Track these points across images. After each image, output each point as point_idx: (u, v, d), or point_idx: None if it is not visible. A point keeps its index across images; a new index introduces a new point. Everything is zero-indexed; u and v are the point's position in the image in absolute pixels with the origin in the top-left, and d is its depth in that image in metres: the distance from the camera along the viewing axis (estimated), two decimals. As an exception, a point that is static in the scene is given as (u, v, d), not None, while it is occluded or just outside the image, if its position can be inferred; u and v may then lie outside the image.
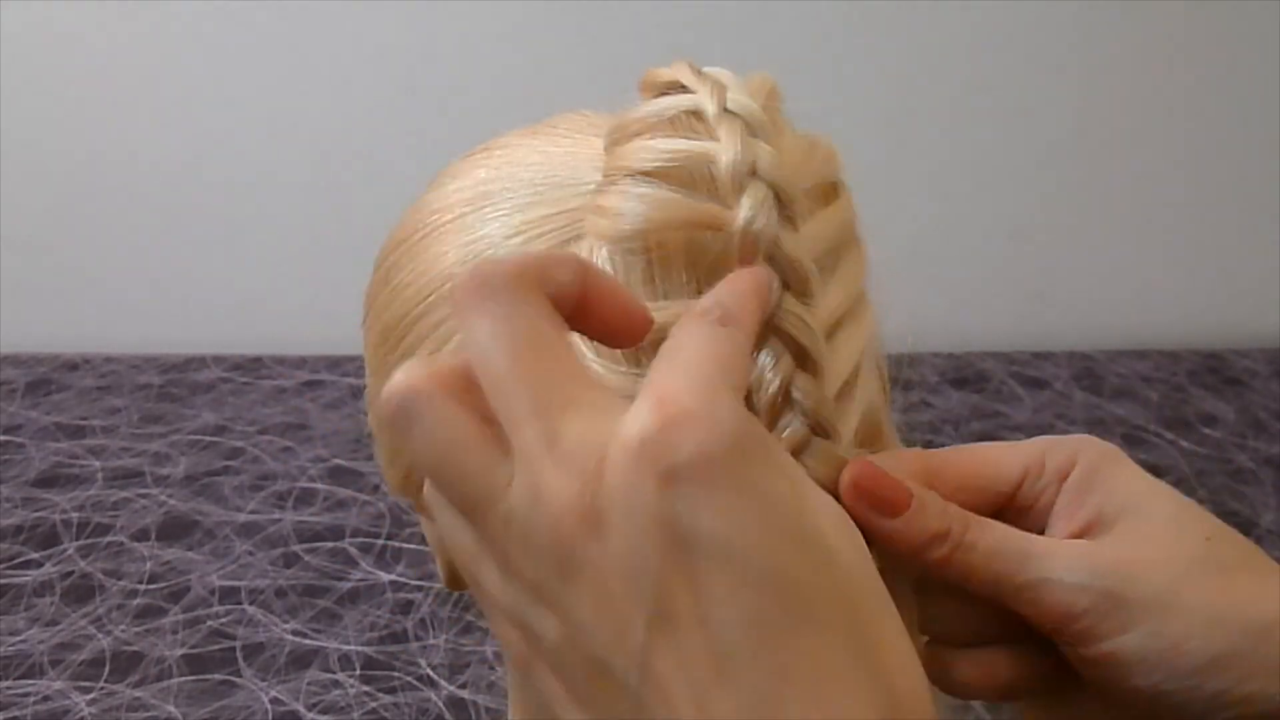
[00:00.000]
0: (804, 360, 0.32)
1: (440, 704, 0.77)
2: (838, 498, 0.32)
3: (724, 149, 0.33)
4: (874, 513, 0.32)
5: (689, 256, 0.33)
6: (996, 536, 0.33)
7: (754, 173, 0.33)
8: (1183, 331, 1.32)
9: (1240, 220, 1.30)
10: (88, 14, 1.11)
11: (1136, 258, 1.31)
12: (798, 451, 0.32)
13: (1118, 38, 1.20)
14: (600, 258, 0.34)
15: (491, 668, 0.80)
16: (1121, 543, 0.33)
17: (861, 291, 0.37)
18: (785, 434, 0.32)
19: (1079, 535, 0.34)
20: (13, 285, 1.21)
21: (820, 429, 0.32)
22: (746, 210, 0.32)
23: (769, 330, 0.32)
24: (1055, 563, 0.33)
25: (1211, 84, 1.24)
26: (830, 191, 0.37)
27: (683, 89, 0.35)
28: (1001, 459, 0.36)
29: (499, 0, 1.12)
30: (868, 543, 0.34)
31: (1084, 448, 0.35)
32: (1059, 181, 1.27)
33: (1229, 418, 1.16)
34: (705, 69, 0.36)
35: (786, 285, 0.32)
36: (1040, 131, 1.24)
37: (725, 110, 0.34)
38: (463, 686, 0.78)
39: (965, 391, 1.18)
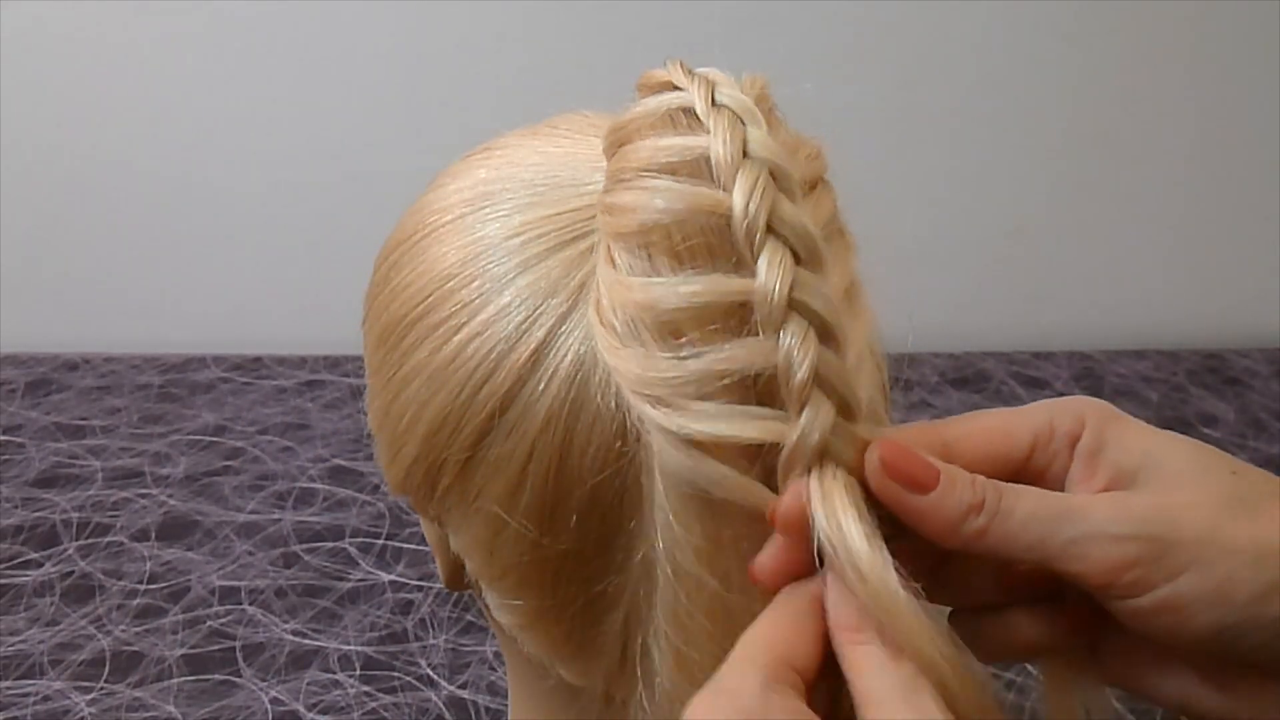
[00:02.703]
0: (826, 335, 0.32)
1: (440, 704, 0.77)
2: (862, 480, 0.32)
3: (716, 138, 0.33)
4: (905, 491, 0.32)
5: (707, 245, 0.33)
6: (1033, 500, 0.33)
7: (746, 154, 0.33)
8: (1183, 331, 1.32)
9: (1240, 220, 1.30)
10: (87, 14, 1.11)
11: (1136, 258, 1.31)
12: (828, 433, 0.32)
13: (1117, 38, 1.20)
14: (617, 255, 0.34)
15: (492, 668, 0.80)
16: (1152, 490, 0.33)
17: (855, 277, 0.37)
18: (820, 414, 0.32)
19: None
20: (13, 285, 1.21)
21: (846, 409, 0.32)
22: (743, 190, 0.32)
23: (789, 306, 0.32)
24: (1097, 517, 0.32)
25: (1211, 84, 1.24)
26: (813, 188, 0.37)
27: (675, 89, 0.36)
28: (1011, 429, 0.35)
29: (499, 1, 1.12)
30: (898, 524, 0.33)
31: (1088, 409, 0.35)
32: (1059, 181, 1.27)
33: (1229, 418, 1.16)
34: (697, 69, 0.36)
35: (797, 258, 0.32)
36: (1040, 131, 1.24)
37: (715, 104, 0.34)
38: (463, 686, 0.78)
39: (965, 391, 1.18)
